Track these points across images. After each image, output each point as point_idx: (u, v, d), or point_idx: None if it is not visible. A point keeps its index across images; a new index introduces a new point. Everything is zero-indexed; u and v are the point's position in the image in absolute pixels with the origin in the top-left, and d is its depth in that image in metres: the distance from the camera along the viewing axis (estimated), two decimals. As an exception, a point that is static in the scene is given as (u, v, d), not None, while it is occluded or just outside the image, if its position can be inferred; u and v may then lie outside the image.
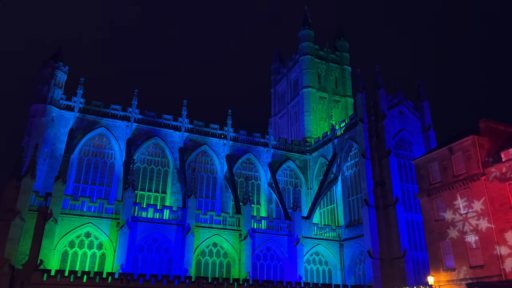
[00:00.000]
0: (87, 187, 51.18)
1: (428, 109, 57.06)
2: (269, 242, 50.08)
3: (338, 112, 71.59)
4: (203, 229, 47.19)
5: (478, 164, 34.61)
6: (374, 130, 53.37)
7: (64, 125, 51.75)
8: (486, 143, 35.42)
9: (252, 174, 60.80)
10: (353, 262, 52.38)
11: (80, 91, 53.47)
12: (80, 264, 42.01)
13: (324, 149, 61.97)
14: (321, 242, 53.03)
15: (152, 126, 56.43)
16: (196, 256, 46.17)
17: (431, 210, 38.33)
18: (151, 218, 45.73)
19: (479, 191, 34.11)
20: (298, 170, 63.67)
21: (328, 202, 59.63)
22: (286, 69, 78.48)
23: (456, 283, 34.48)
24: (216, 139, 59.57)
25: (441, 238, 36.63)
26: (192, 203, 46.81)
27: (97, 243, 43.39)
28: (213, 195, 57.57)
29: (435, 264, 36.83)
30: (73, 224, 42.26)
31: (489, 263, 32.17)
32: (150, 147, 56.29)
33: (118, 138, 54.04)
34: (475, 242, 33.94)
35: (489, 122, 36.34)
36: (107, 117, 54.28)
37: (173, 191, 54.68)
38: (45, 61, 52.94)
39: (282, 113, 77.69)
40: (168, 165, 56.22)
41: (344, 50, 76.77)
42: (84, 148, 52.65)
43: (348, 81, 74.72)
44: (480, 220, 33.53)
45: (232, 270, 47.36)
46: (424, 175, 39.92)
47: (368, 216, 48.76)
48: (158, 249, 45.63)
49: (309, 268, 52.02)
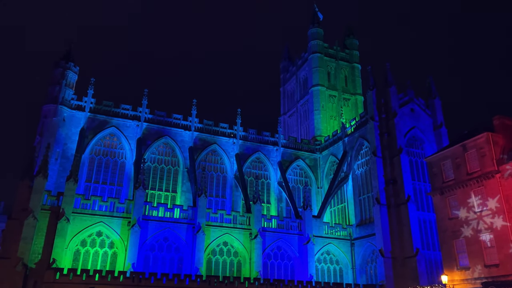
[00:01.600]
0: (98, 186, 51.50)
1: (439, 107, 56.34)
2: (279, 241, 49.91)
3: (348, 110, 71.10)
4: (214, 228, 47.18)
5: (493, 162, 34.03)
6: (385, 128, 52.87)
7: (75, 125, 52.13)
8: (500, 140, 34.81)
9: (262, 173, 60.66)
10: (365, 261, 51.96)
11: (91, 91, 53.82)
12: (92, 263, 42.28)
13: (334, 147, 61.57)
14: (332, 241, 52.73)
15: (162, 126, 56.60)
16: (206, 255, 46.18)
17: (445, 209, 37.81)
18: (162, 217, 45.88)
19: (493, 189, 33.55)
20: (308, 169, 63.36)
21: (339, 201, 59.26)
22: (295, 68, 78.16)
23: (471, 282, 33.97)
24: (226, 138, 59.56)
25: (455, 237, 36.11)
26: (202, 202, 46.84)
27: (109, 242, 43.63)
28: (223, 194, 57.57)
29: (449, 263, 36.31)
30: (85, 223, 42.55)
31: (505, 262, 31.61)
32: (161, 147, 56.45)
33: (128, 137, 54.29)
34: (490, 240, 33.38)
35: (503, 119, 35.70)
36: (118, 116, 54.55)
37: (183, 190, 54.79)
38: (56, 62, 53.38)
39: (291, 112, 77.41)
40: (178, 164, 56.33)
41: (354, 48, 76.23)
42: (95, 147, 52.99)
43: (358, 79, 74.17)
44: (495, 218, 32.97)
45: (243, 269, 47.29)
46: (437, 173, 39.39)
47: (379, 214, 48.31)
48: (169, 248, 45.73)
49: (320, 267, 51.74)
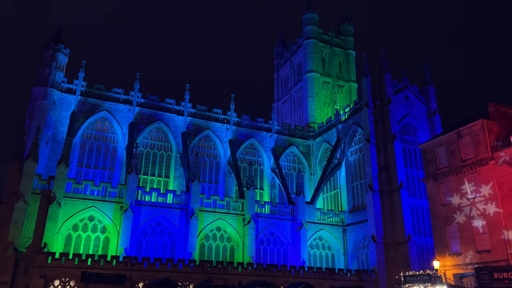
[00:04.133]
0: (90, 171, 50.86)
1: (433, 94, 56.37)
2: (272, 226, 50.00)
3: (342, 97, 70.88)
4: (207, 214, 47.05)
5: (487, 149, 34.14)
6: (379, 115, 52.83)
7: (66, 108, 51.18)
8: (495, 127, 34.91)
9: (255, 159, 60.45)
10: (356, 247, 52.39)
11: (82, 74, 52.74)
12: (84, 248, 41.94)
13: (328, 134, 61.49)
14: (324, 227, 53.00)
15: (154, 110, 55.86)
16: (200, 240, 46.12)
17: (438, 195, 38.02)
18: (154, 202, 45.56)
19: (487, 176, 33.73)
20: (301, 155, 63.30)
21: (332, 187, 59.43)
22: (290, 54, 77.49)
23: (462, 268, 34.38)
24: (219, 123, 59.04)
25: (448, 223, 36.40)
26: (195, 187, 46.57)
27: (101, 227, 43.27)
28: (216, 180, 57.31)
29: (441, 248, 36.67)
30: (77, 208, 42.07)
31: (496, 247, 31.97)
32: (153, 131, 55.80)
33: (120, 122, 53.51)
34: (482, 226, 33.70)
35: (498, 106, 35.76)
36: (109, 100, 53.64)
37: (176, 175, 54.39)
38: (46, 43, 52.11)
39: (285, 98, 76.97)
40: (171, 150, 55.81)
41: (349, 34, 75.69)
42: (86, 131, 52.17)
43: (353, 66, 73.82)
44: (488, 205, 33.24)
45: (236, 254, 47.37)
46: (431, 160, 39.50)
47: (372, 201, 48.55)
48: (162, 233, 45.54)
49: (313, 253, 52.07)
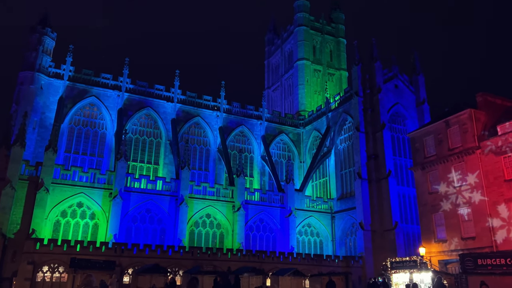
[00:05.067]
0: (78, 157, 50.42)
1: (423, 83, 56.75)
2: (262, 213, 50.36)
3: (332, 85, 70.96)
4: (197, 200, 47.14)
5: (474, 138, 34.64)
6: (369, 104, 53.09)
7: (53, 93, 50.40)
8: (482, 117, 35.39)
9: (245, 147, 60.47)
10: (344, 233, 53.10)
11: (70, 59, 51.83)
12: (72, 234, 41.79)
13: (318, 122, 61.70)
14: (313, 214, 53.54)
15: (144, 96, 55.34)
16: (189, 227, 46.28)
17: (425, 183, 38.60)
18: (144, 189, 45.46)
19: (473, 164, 34.30)
20: (291, 143, 63.51)
21: (321, 175, 59.87)
22: (281, 41, 77.06)
23: (447, 254, 35.15)
24: (209, 111, 58.78)
25: (434, 211, 37.06)
26: (185, 174, 46.53)
27: (90, 213, 43.11)
28: (206, 167, 57.30)
29: (427, 235, 37.39)
30: (65, 194, 41.78)
31: (481, 234, 32.72)
32: (142, 118, 55.36)
33: (109, 108, 52.96)
34: (467, 214, 34.38)
35: (486, 96, 36.19)
36: (98, 86, 52.96)
37: (166, 162, 54.22)
38: (33, 27, 51.00)
39: (276, 86, 76.78)
40: (160, 136, 55.51)
41: (340, 22, 75.46)
42: (75, 117, 51.55)
43: (343, 54, 73.80)
44: (474, 193, 33.87)
45: (225, 240, 47.70)
46: (419, 148, 39.97)
47: (360, 189, 49.10)
48: (152, 219, 45.56)
49: (301, 239, 52.67)
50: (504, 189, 31.78)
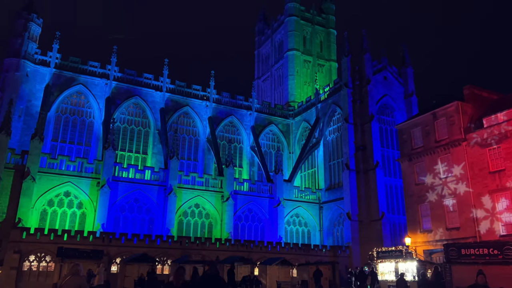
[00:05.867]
0: (65, 146, 49.83)
1: (411, 76, 57.04)
2: (250, 203, 50.56)
3: (322, 76, 71.03)
4: (185, 190, 47.09)
5: (460, 130, 35.09)
6: (358, 95, 53.33)
7: (39, 81, 49.54)
8: (469, 109, 35.83)
9: (234, 137, 60.40)
10: (332, 224, 53.67)
11: (56, 46, 50.90)
12: (59, 223, 41.48)
13: (307, 113, 61.84)
14: (301, 204, 53.93)
15: (132, 85, 54.74)
16: (178, 217, 46.28)
17: (412, 174, 39.09)
18: (132, 178, 45.23)
19: (459, 156, 34.81)
20: (280, 134, 63.62)
21: (310, 166, 60.20)
22: (271, 31, 76.68)
23: (432, 244, 35.80)
24: (199, 100, 58.45)
25: (420, 202, 37.61)
26: (174, 164, 46.37)
27: (77, 202, 42.79)
28: (195, 157, 57.15)
29: (413, 226, 37.99)
30: (52, 183, 41.34)
31: (465, 225, 33.36)
32: (130, 107, 54.82)
33: (96, 96, 52.30)
34: (452, 205, 34.97)
35: (473, 89, 36.61)
36: (85, 74, 52.18)
37: (154, 152, 53.92)
38: (18, 12, 49.88)
39: (265, 76, 76.57)
40: (149, 126, 55.09)
41: (330, 13, 75.28)
42: (61, 105, 50.83)
43: (333, 45, 73.77)
44: (459, 184, 34.43)
45: (214, 230, 47.85)
46: (406, 140, 40.38)
47: (348, 179, 49.53)
48: (140, 209, 45.44)
49: (289, 229, 53.10)
50: (488, 181, 32.36)
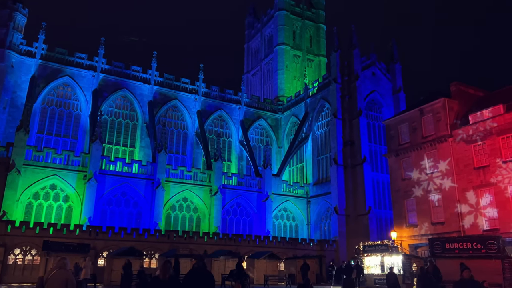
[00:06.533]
0: (51, 138, 49.15)
1: (399, 72, 57.54)
2: (239, 198, 50.64)
3: (312, 71, 71.14)
4: (174, 184, 46.93)
5: (447, 126, 35.55)
6: (347, 91, 53.61)
7: (25, 72, 48.65)
8: (455, 106, 36.28)
9: (223, 131, 60.28)
10: (319, 218, 54.09)
11: (42, 37, 50.01)
12: (45, 216, 41.02)
13: (296, 108, 61.97)
14: (289, 198, 54.22)
15: (120, 78, 54.13)
16: (166, 210, 46.13)
17: (399, 170, 39.53)
18: (119, 172, 44.89)
19: (445, 152, 35.29)
20: (269, 128, 63.69)
21: (298, 160, 60.46)
22: (261, 25, 76.42)
23: (417, 238, 36.34)
24: (187, 94, 58.09)
25: (406, 197, 38.09)
26: (162, 158, 46.14)
27: (63, 196, 42.33)
28: (183, 151, 56.91)
29: (399, 220, 38.48)
30: (38, 176, 40.81)
31: (449, 220, 33.92)
32: (118, 99, 54.25)
33: (83, 88, 51.61)
34: (438, 200, 35.50)
35: (460, 85, 37.06)
36: (72, 65, 51.42)
37: (142, 145, 53.54)
38: (3, 2, 48.72)
39: (255, 70, 76.40)
40: (137, 119, 54.62)
41: (320, 8, 75.31)
42: (48, 97, 50.04)
43: (323, 40, 73.89)
44: (444, 180, 34.94)
45: (202, 224, 47.85)
46: (394, 136, 40.77)
47: (336, 174, 49.92)
48: (127, 202, 45.16)
49: (277, 223, 53.38)
50: (473, 177, 32.91)
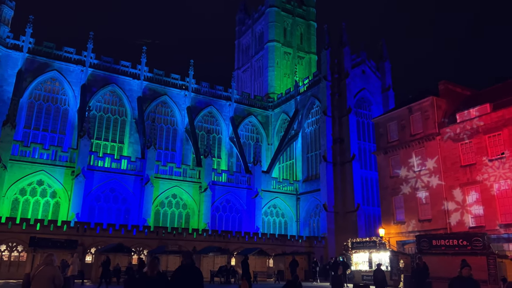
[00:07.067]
0: (39, 133, 48.49)
1: (389, 70, 57.98)
2: (228, 194, 50.61)
3: (302, 68, 71.28)
4: (163, 181, 46.70)
5: (435, 124, 35.97)
6: (337, 88, 53.84)
7: (11, 66, 47.85)
8: (443, 105, 36.72)
9: (213, 128, 60.11)
10: (308, 215, 54.37)
11: (30, 30, 49.19)
12: (32, 212, 40.52)
13: (287, 105, 62.08)
14: (279, 195, 54.37)
15: (109, 73, 53.57)
16: (155, 207, 45.91)
17: (387, 167, 39.90)
18: (108, 168, 44.51)
19: (433, 150, 35.72)
20: (259, 125, 63.69)
21: (288, 157, 60.63)
22: (252, 21, 76.26)
23: (405, 235, 36.78)
24: (177, 90, 57.75)
25: (394, 194, 38.49)
26: (151, 154, 45.86)
27: (51, 191, 41.85)
28: (173, 147, 56.63)
29: (387, 217, 38.90)
30: (24, 171, 40.26)
31: (436, 217, 34.39)
32: (107, 95, 53.71)
33: (72, 83, 50.97)
34: (425, 197, 35.95)
35: (448, 84, 37.50)
36: (60, 60, 50.71)
37: (131, 141, 53.14)
38: (-12, -7, 47.84)
39: (245, 67, 76.26)
40: (126, 115, 54.17)
41: (311, 5, 75.38)
42: (35, 92, 49.33)
43: (313, 38, 74.01)
44: (432, 178, 35.38)
45: (191, 221, 47.74)
46: (383, 133, 41.12)
47: (325, 171, 50.19)
48: (116, 199, 44.83)
49: (267, 220, 53.51)
50: (460, 174, 33.38)
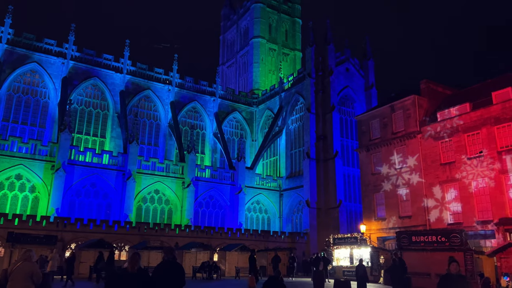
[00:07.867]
0: (17, 126, 47.38)
1: (372, 68, 58.57)
2: (212, 190, 50.49)
3: (287, 65, 71.40)
4: (145, 176, 46.28)
5: (416, 123, 36.56)
6: (321, 86, 54.16)
7: (-11, 57, 46.57)
8: (425, 103, 37.33)
9: (197, 123, 59.76)
10: (291, 211, 54.71)
11: (9, 21, 47.87)
12: (10, 207, 39.67)
13: (271, 102, 62.14)
14: (262, 191, 54.52)
15: (91, 66, 52.63)
16: (137, 202, 45.49)
17: (369, 164, 40.41)
18: (89, 162, 43.84)
19: (414, 148, 36.32)
20: (244, 121, 63.63)
21: (272, 154, 60.80)
22: (237, 16, 75.92)
23: (385, 231, 37.38)
24: (161, 84, 57.16)
25: (376, 191, 39.03)
26: (133, 149, 45.36)
27: (30, 186, 41.02)
28: (156, 142, 56.09)
29: (368, 214, 39.44)
30: (2, 165, 39.37)
31: (416, 214, 35.04)
32: (89, 88, 52.79)
33: (52, 76, 49.90)
34: (405, 194, 36.56)
35: (429, 83, 38.13)
36: (40, 52, 49.55)
37: (113, 136, 52.41)
38: (-35, -19, 46.36)
39: (230, 62, 75.96)
40: (108, 109, 53.37)
41: (296, 2, 75.46)
42: (14, 84, 48.12)
43: (298, 35, 74.19)
44: (412, 175, 35.99)
45: (174, 216, 47.48)
46: (365, 131, 41.59)
47: (308, 168, 50.54)
48: (97, 194, 44.23)
49: (250, 216, 53.63)
50: (439, 172, 34.04)
